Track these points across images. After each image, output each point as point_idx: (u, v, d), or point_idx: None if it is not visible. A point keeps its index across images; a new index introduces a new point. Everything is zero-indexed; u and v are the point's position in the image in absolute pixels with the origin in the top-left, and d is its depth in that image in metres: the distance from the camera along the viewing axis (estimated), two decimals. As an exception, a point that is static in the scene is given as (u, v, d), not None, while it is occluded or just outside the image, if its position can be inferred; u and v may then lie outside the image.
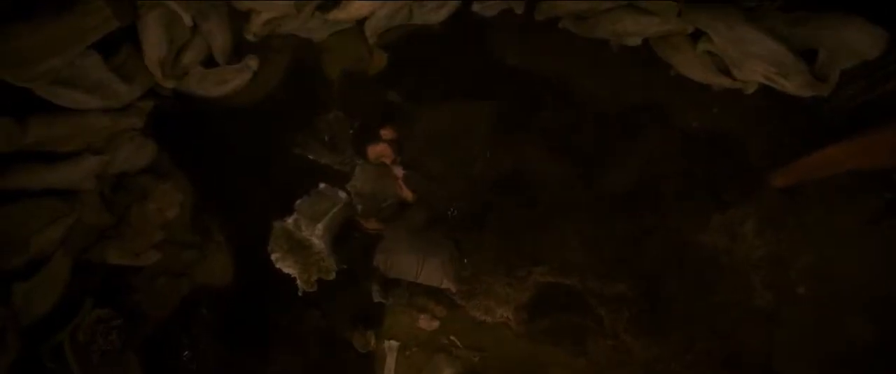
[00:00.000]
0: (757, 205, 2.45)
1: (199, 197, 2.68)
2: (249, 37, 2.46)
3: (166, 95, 2.57)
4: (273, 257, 2.52)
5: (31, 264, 2.33)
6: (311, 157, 2.65)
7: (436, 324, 2.54)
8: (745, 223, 2.45)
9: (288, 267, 2.49)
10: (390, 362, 2.51)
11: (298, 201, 2.57)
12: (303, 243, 2.54)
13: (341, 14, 2.39)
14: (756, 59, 2.16)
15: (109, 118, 2.31)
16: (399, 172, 2.58)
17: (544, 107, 2.63)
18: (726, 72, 2.41)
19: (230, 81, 2.62)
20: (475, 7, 2.75)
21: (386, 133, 2.52)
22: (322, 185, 2.61)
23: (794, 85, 2.14)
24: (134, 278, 2.59)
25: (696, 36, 2.41)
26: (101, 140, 2.38)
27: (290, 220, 2.54)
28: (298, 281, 2.48)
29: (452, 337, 2.51)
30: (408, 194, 2.58)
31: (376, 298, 2.51)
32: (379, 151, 2.52)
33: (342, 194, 2.62)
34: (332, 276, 2.50)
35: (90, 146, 2.35)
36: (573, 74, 2.73)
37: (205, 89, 2.61)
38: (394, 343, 2.53)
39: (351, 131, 2.67)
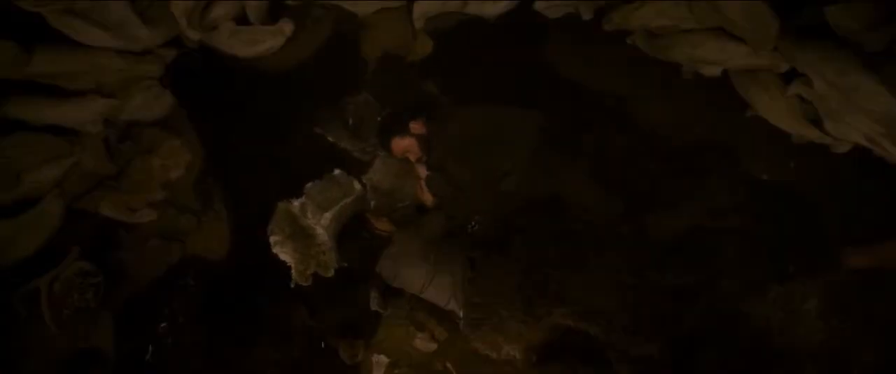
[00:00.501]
0: (824, 283, 2.10)
1: (207, 161, 2.50)
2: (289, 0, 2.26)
3: (191, 47, 2.39)
4: (272, 239, 2.30)
5: (21, 202, 2.18)
6: (331, 139, 2.43)
7: (433, 346, 2.28)
8: (808, 301, 2.10)
9: (285, 254, 2.28)
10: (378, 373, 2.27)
11: (309, 185, 2.35)
12: (306, 230, 2.32)
13: (392, -12, 2.16)
14: (862, 115, 1.81)
15: (125, 61, 2.14)
16: (422, 171, 2.33)
17: (596, 128, 2.33)
18: (817, 123, 2.06)
19: (261, 43, 2.42)
20: (538, 5, 2.48)
21: (415, 127, 2.27)
22: (337, 171, 2.38)
23: (901, 154, 1.79)
24: (125, 236, 2.42)
25: (789, 76, 2.07)
26: (114, 83, 2.22)
27: (296, 203, 2.32)
28: (293, 271, 2.26)
29: (449, 365, 2.24)
30: (428, 198, 2.32)
31: (373, 306, 2.26)
32: (405, 145, 2.27)
33: (357, 186, 2.39)
34: (331, 273, 2.27)
35: (101, 88, 2.19)
36: (634, 97, 2.42)
37: (233, 48, 2.43)
38: (383, 359, 2.28)
39: (378, 118, 2.43)
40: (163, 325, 2.39)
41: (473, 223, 2.33)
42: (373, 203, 2.37)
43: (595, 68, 2.52)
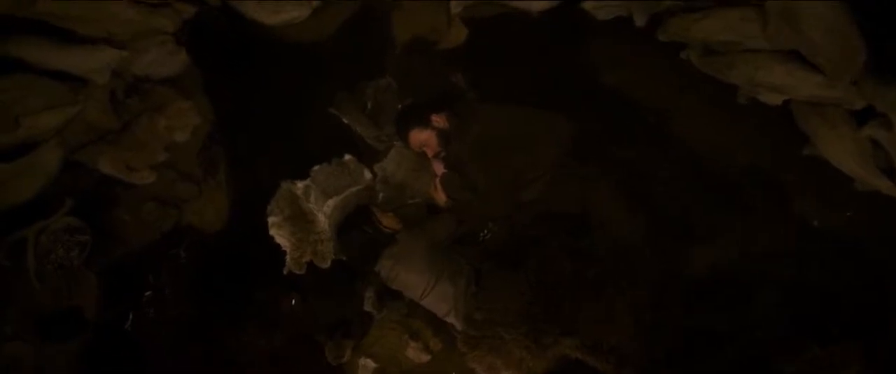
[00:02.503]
0: (869, 352, 1.86)
1: (215, 128, 2.36)
2: (320, -30, 2.10)
3: (213, 5, 2.26)
4: (270, 220, 2.15)
5: (18, 147, 2.08)
6: (346, 121, 2.26)
7: (426, 358, 2.11)
8: (849, 369, 1.87)
9: (281, 237, 2.13)
10: (360, 382, 2.11)
11: (316, 168, 2.19)
12: (306, 215, 2.16)
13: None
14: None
15: (138, 12, 2.01)
16: (439, 168, 2.15)
17: (634, 144, 2.12)
18: (889, 171, 1.82)
19: (286, 12, 2.28)
20: (587, 5, 2.28)
21: (437, 120, 2.09)
22: (347, 157, 2.22)
23: None
24: (120, 195, 2.30)
25: (862, 115, 1.83)
26: (126, 34, 2.09)
27: (300, 185, 2.16)
28: (288, 257, 2.11)
29: (439, 380, 2.07)
30: (440, 198, 2.14)
31: (367, 306, 2.10)
32: (423, 138, 2.09)
33: (367, 175, 2.22)
34: (327, 264, 2.11)
35: (112, 37, 2.06)
36: (679, 116, 2.21)
37: (257, 13, 2.29)
38: (371, 364, 2.12)
39: (399, 106, 2.25)
40: (148, 294, 2.27)
41: (486, 232, 2.15)
42: (381, 196, 2.20)
43: (640, 79, 2.32)
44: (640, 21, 2.14)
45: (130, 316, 2.24)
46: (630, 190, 2.00)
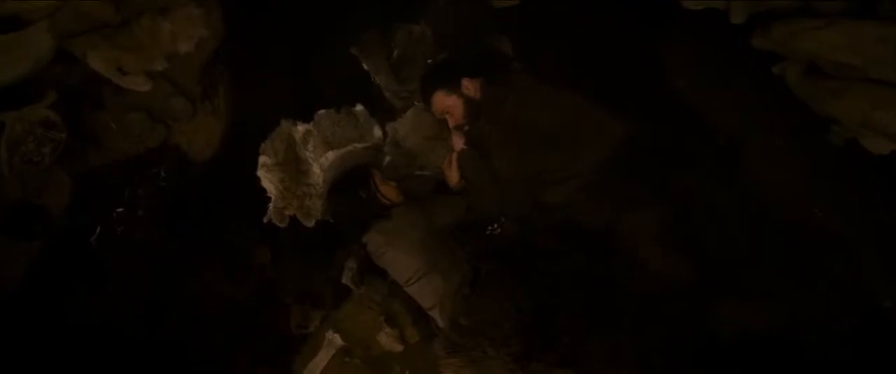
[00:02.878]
0: None
1: (222, 46, 2.09)
2: None
3: None
4: (260, 159, 1.91)
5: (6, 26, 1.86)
6: (366, 66, 1.96)
7: (398, 348, 1.88)
8: None
9: (269, 181, 1.89)
10: (322, 358, 1.90)
11: (322, 112, 1.92)
12: (301, 162, 1.91)
13: None
14: None
15: None
16: (458, 143, 1.85)
17: (691, 169, 1.78)
18: None
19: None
20: (677, -12, 1.87)
21: (468, 87, 1.77)
22: (359, 107, 1.94)
23: None
24: (108, 99, 2.08)
25: None
26: (138, -88, 1.81)
27: (301, 127, 1.90)
28: (271, 205, 1.87)
29: (408, 374, 1.85)
30: (453, 177, 1.85)
31: (346, 279, 1.86)
32: (449, 104, 1.79)
33: (376, 132, 1.94)
34: (310, 223, 1.87)
35: (120, -87, 1.78)
36: (756, 145, 1.84)
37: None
38: (338, 340, 1.91)
39: (429, 61, 1.93)
40: (120, 210, 2.08)
41: (496, 227, 1.86)
42: (387, 160, 1.92)
43: (716, 90, 1.94)
44: (738, 18, 1.74)
45: (98, 229, 2.06)
46: (674, 221, 1.67)
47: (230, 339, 1.92)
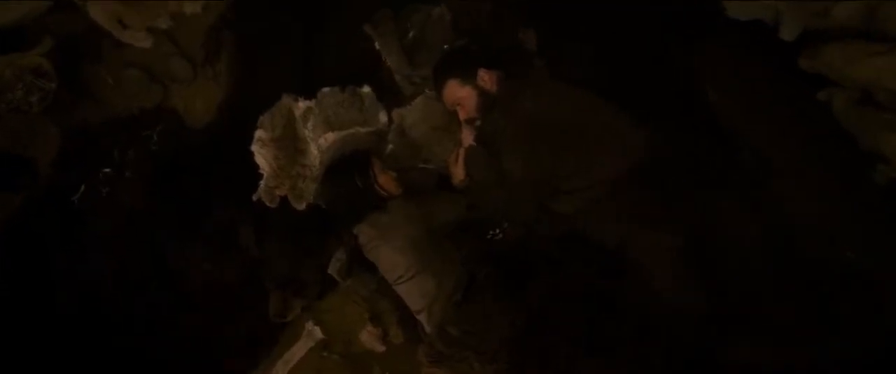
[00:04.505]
0: None
1: (231, 10, 1.97)
2: None
3: None
4: (257, 133, 1.80)
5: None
6: (377, 46, 1.83)
7: (379, 348, 1.77)
8: None
9: (263, 157, 1.77)
10: (299, 350, 1.79)
11: (326, 90, 1.80)
12: (298, 141, 1.80)
13: None
14: None
15: None
16: (467, 137, 1.72)
17: (720, 191, 1.63)
18: None
19: None
20: (724, -4, 1.72)
21: (484, 78, 1.64)
22: (366, 89, 1.81)
23: None
24: (107, 52, 1.98)
25: None
26: None
27: (303, 104, 1.79)
28: (262, 182, 1.76)
29: (387, 376, 1.74)
30: (458, 174, 1.73)
31: (332, 270, 1.75)
32: (462, 95, 1.65)
33: (382, 117, 1.82)
34: (302, 206, 1.76)
35: None
36: (792, 175, 1.69)
37: None
38: (317, 332, 1.80)
39: (445, 47, 1.80)
40: (107, 170, 1.98)
41: (498, 232, 1.73)
42: (390, 148, 1.80)
43: (754, 110, 1.78)
44: (789, 34, 1.58)
45: (82, 187, 1.97)
46: (691, 246, 1.53)
47: (207, 319, 1.82)
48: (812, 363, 1.50)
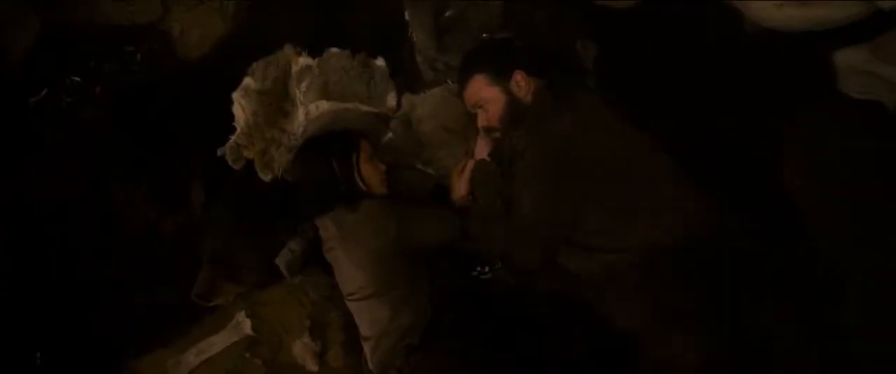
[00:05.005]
0: None
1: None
2: None
3: None
4: (245, 80, 1.53)
5: None
6: (407, 16, 1.53)
7: (313, 367, 1.47)
8: None
9: (241, 108, 1.50)
10: (220, 341, 1.50)
11: (334, 50, 1.51)
12: (286, 101, 1.51)
13: None
14: None
15: None
16: (482, 149, 1.41)
17: (773, 295, 1.27)
18: None
19: None
20: (839, 59, 1.37)
21: (520, 84, 1.32)
22: (380, 61, 1.51)
23: None
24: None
25: None
26: None
27: (303, 61, 1.50)
28: (232, 137, 1.48)
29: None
30: (458, 191, 1.41)
31: (280, 261, 1.45)
32: (487, 96, 1.34)
33: (390, 100, 1.52)
34: (267, 177, 1.47)
35: None
36: (865, 290, 1.32)
37: None
38: (247, 326, 1.51)
39: (484, 35, 1.48)
40: (76, 79, 1.74)
41: (487, 270, 1.40)
42: (388, 136, 1.50)
43: (843, 211, 1.42)
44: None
45: (44, 91, 1.73)
46: (726, 357, 1.17)
47: (130, 272, 1.54)
48: None
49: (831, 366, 1.28)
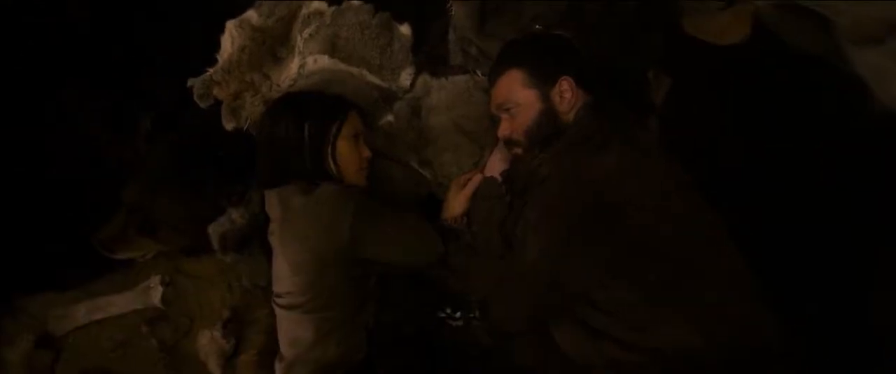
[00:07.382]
0: None
1: None
2: None
3: None
4: (248, 11, 1.27)
5: None
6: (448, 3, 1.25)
7: (216, 359, 1.16)
8: None
9: (231, 40, 1.25)
10: (120, 303, 1.23)
11: (356, 3, 1.24)
12: (284, 46, 1.25)
13: None
14: None
15: None
16: (495, 165, 1.11)
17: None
18: None
19: None
20: None
21: (566, 92, 1.02)
22: (405, 29, 1.23)
23: None
24: None
25: None
26: None
27: (315, 6, 1.23)
28: (211, 71, 1.22)
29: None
30: (453, 208, 1.12)
31: (212, 230, 1.16)
32: (519, 99, 1.05)
33: (404, 77, 1.24)
34: (230, 126, 1.20)
35: None
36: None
37: None
38: (158, 295, 1.23)
39: (537, 26, 1.18)
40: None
41: (459, 317, 1.08)
42: (387, 119, 1.21)
43: None
44: None
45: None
46: None
47: (53, 190, 1.29)
48: None
49: None
